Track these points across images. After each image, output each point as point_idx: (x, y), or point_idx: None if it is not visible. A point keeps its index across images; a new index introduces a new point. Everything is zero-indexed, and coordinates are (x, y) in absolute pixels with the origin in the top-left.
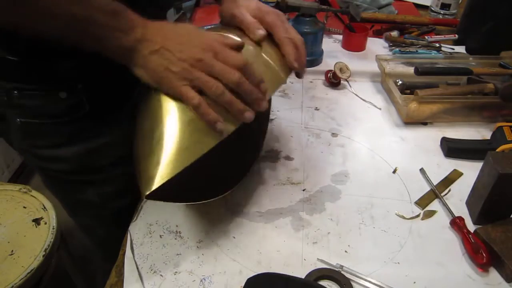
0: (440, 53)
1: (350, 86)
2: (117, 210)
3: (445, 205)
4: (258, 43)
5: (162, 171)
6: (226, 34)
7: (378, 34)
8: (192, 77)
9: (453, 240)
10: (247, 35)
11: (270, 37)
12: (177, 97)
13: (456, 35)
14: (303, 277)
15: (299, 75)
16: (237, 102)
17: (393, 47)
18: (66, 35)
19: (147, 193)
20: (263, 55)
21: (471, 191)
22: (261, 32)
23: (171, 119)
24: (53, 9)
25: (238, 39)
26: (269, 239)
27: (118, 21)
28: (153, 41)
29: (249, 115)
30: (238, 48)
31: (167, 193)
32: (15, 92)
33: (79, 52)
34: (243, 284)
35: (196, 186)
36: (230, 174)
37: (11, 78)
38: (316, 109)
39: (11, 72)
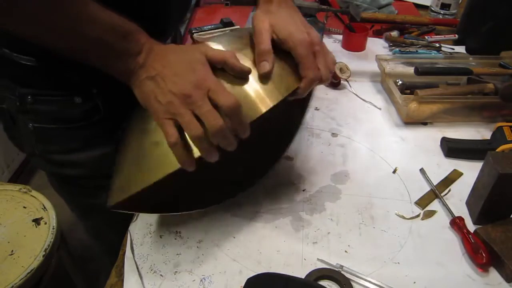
0: (440, 53)
1: (350, 86)
2: (130, 214)
3: (445, 205)
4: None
5: (120, 190)
6: (238, 55)
7: (378, 34)
8: (176, 112)
9: (453, 240)
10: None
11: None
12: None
13: (456, 35)
14: (303, 277)
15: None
16: (211, 151)
17: (393, 47)
18: (72, 51)
19: (111, 205)
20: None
21: (471, 191)
22: (267, 67)
23: (133, 145)
24: (63, 24)
25: (246, 66)
26: (269, 239)
27: (127, 44)
28: (152, 67)
29: (215, 157)
30: (243, 75)
31: (132, 206)
32: (29, 97)
33: None
34: (243, 284)
35: (167, 201)
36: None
37: (25, 83)
38: (316, 109)
39: (25, 77)
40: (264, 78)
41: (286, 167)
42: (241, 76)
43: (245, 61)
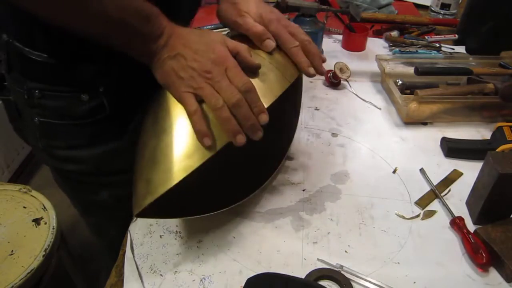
0: (440, 53)
1: (350, 86)
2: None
3: (445, 205)
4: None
5: (148, 194)
6: (250, 49)
7: (378, 34)
8: (197, 86)
9: (453, 240)
10: (255, 44)
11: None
12: (171, 115)
13: (456, 35)
14: (303, 277)
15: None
16: (232, 121)
17: (393, 47)
18: (95, 33)
19: (136, 212)
20: (275, 67)
21: (471, 191)
22: (272, 43)
23: (154, 143)
24: (89, 7)
25: (256, 61)
26: (269, 239)
27: (151, 27)
28: (173, 47)
29: (241, 139)
30: (254, 69)
31: (158, 210)
32: (37, 92)
33: (102, 57)
34: (243, 284)
35: (193, 202)
36: (237, 188)
37: (34, 78)
38: (316, 109)
39: (35, 72)
40: (271, 58)
41: (286, 167)
42: (251, 70)
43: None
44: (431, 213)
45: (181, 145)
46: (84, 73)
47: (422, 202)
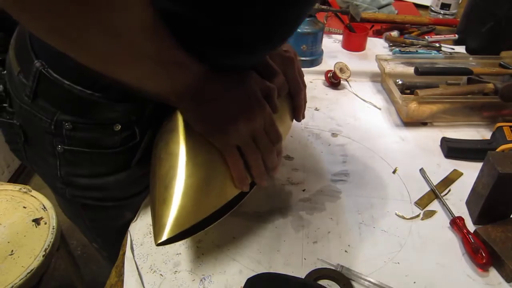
0: (440, 53)
1: (350, 86)
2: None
3: (445, 205)
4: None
5: (174, 224)
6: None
7: (378, 34)
8: (243, 141)
9: (453, 240)
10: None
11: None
12: (197, 151)
13: (456, 35)
14: (303, 277)
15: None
16: (264, 174)
17: (393, 47)
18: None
19: (158, 242)
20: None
21: (471, 191)
22: (285, 86)
23: (188, 174)
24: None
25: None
26: (269, 239)
27: (182, 79)
28: (211, 91)
29: (265, 183)
30: (275, 111)
31: (178, 237)
32: (67, 124)
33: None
34: (243, 284)
35: (207, 220)
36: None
37: (69, 111)
38: (316, 109)
39: (70, 105)
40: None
41: (286, 167)
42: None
43: None
44: (431, 213)
45: (214, 183)
46: (121, 110)
47: (422, 202)
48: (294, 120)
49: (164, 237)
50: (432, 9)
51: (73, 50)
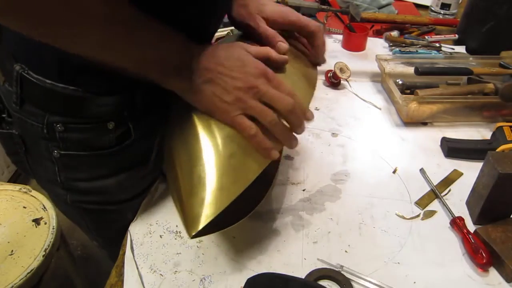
0: (440, 53)
1: (350, 86)
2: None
3: (445, 205)
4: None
5: (207, 211)
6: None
7: (378, 34)
8: (247, 106)
9: (453, 240)
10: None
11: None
12: (213, 130)
13: (456, 35)
14: (303, 277)
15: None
16: (288, 130)
17: (393, 47)
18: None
19: (194, 233)
20: (295, 71)
21: (471, 191)
22: (285, 45)
23: (211, 155)
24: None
25: (283, 56)
26: (269, 239)
27: (178, 57)
28: (205, 70)
29: (296, 143)
30: (282, 64)
31: (210, 228)
32: (59, 126)
33: (128, 87)
34: (243, 284)
35: (235, 211)
36: (260, 186)
37: (56, 111)
38: (316, 109)
39: (57, 105)
40: (282, 62)
41: (286, 167)
42: (281, 66)
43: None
44: (431, 213)
45: (239, 157)
46: (110, 104)
47: (422, 202)
48: (318, 65)
49: (201, 225)
50: (432, 9)
51: (39, 27)
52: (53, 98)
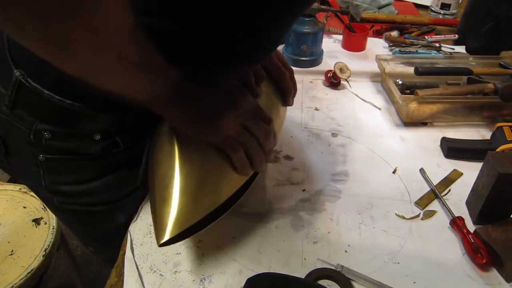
0: (440, 53)
1: (350, 86)
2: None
3: (445, 205)
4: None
5: (175, 223)
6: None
7: (378, 34)
8: (244, 141)
9: (453, 240)
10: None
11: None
12: (189, 150)
13: (456, 35)
14: (303, 277)
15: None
16: (263, 158)
17: (393, 47)
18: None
19: (160, 242)
20: (271, 97)
21: (471, 191)
22: (262, 72)
23: (186, 170)
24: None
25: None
26: (269, 239)
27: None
28: (193, 91)
29: (261, 168)
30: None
31: (180, 237)
32: (46, 133)
33: (122, 108)
34: (243, 284)
35: (207, 219)
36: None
37: (47, 120)
38: (316, 109)
39: (49, 115)
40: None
41: (286, 167)
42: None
43: None
44: (431, 213)
45: (212, 180)
46: (102, 121)
47: (422, 202)
48: (287, 106)
49: (166, 237)
50: (432, 9)
51: (60, 59)
52: (48, 108)
